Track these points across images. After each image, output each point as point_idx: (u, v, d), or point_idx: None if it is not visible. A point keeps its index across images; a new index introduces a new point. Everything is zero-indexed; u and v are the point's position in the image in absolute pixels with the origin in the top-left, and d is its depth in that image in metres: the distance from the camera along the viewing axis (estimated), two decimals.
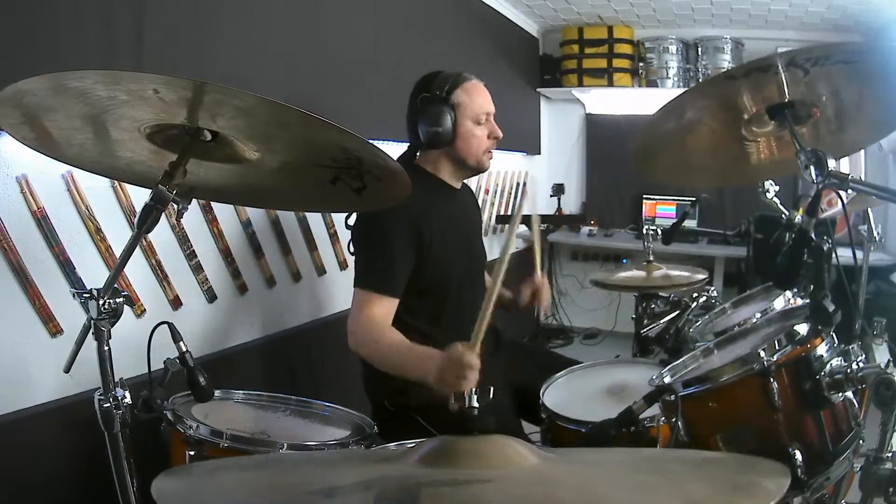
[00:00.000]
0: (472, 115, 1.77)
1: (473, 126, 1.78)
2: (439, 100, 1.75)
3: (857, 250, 2.13)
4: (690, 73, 4.52)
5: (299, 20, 2.34)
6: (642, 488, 0.73)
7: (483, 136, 1.80)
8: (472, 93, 1.78)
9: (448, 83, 1.78)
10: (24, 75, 0.86)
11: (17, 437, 1.55)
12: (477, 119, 1.78)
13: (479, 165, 1.84)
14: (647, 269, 2.59)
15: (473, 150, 1.80)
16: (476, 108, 1.78)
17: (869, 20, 3.84)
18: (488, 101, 1.82)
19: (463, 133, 1.77)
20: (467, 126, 1.77)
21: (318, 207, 2.15)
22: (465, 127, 1.77)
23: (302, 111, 0.91)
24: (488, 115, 1.81)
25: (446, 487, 0.70)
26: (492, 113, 1.82)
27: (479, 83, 1.83)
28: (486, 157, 1.83)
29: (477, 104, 1.78)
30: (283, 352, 2.43)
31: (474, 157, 1.81)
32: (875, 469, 1.07)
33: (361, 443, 1.34)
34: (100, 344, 0.98)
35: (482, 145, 1.80)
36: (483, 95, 1.81)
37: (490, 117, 1.82)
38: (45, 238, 1.63)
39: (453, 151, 1.80)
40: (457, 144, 1.78)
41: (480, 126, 1.79)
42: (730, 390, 1.16)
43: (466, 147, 1.79)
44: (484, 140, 1.80)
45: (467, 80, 1.80)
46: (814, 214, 1.15)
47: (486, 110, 1.80)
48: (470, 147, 1.79)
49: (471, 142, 1.78)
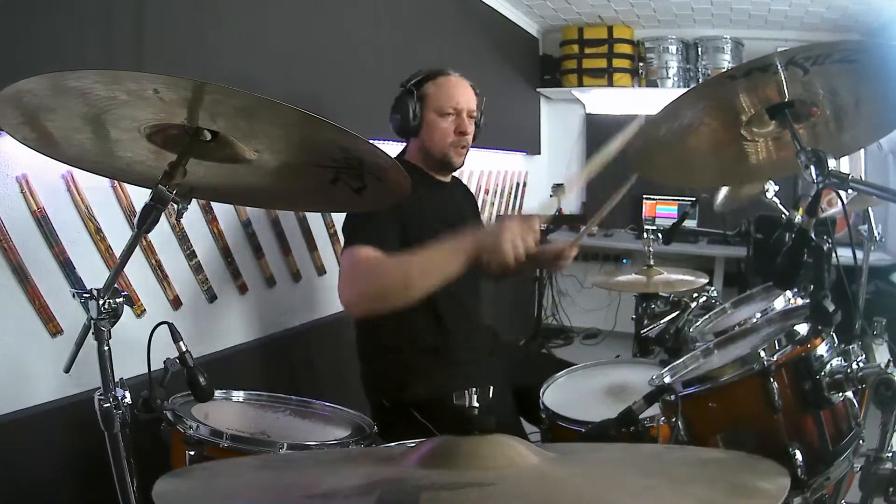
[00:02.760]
0: (436, 107, 1.79)
1: (437, 117, 1.80)
2: (407, 91, 1.81)
3: (857, 250, 2.13)
4: (690, 73, 4.52)
5: (299, 20, 2.34)
6: (643, 489, 0.73)
7: (447, 129, 1.80)
8: (442, 85, 1.81)
9: (421, 76, 1.82)
10: (24, 75, 0.86)
11: (17, 437, 1.55)
12: (441, 111, 1.79)
13: (444, 159, 1.84)
14: (647, 273, 2.58)
15: (437, 142, 1.81)
16: (442, 99, 1.79)
17: (869, 20, 3.84)
18: (461, 95, 1.82)
19: (427, 123, 1.80)
20: (430, 117, 1.80)
21: (318, 207, 2.16)
22: (428, 118, 1.80)
23: (302, 111, 0.91)
24: (457, 109, 1.81)
25: (445, 490, 0.70)
26: (464, 109, 1.82)
27: (455, 78, 1.84)
28: (452, 151, 1.83)
29: (444, 96, 1.79)
30: (283, 352, 2.43)
31: (438, 149, 1.82)
32: (875, 469, 1.07)
33: (361, 443, 1.33)
34: (100, 344, 0.98)
35: (446, 139, 1.81)
36: (455, 89, 1.81)
37: (462, 113, 1.81)
38: (45, 238, 1.63)
39: (422, 143, 1.83)
40: (422, 135, 1.82)
41: (445, 118, 1.80)
42: (730, 390, 1.16)
43: (430, 138, 1.81)
44: (449, 134, 1.81)
45: (442, 74, 1.83)
46: (814, 214, 1.14)
47: (453, 104, 1.80)
48: (433, 138, 1.81)
49: (433, 133, 1.81)
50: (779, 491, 0.68)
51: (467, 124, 1.82)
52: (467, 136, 1.83)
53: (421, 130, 1.81)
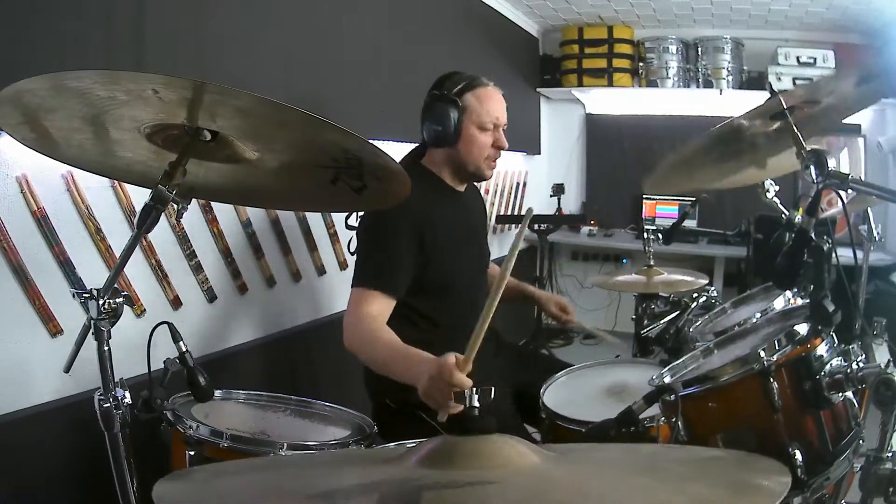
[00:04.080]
0: (477, 121, 1.75)
1: (478, 132, 1.76)
2: (447, 100, 1.74)
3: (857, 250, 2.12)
4: (690, 74, 4.52)
5: (299, 20, 2.34)
6: (642, 488, 0.73)
7: (486, 144, 1.77)
8: (483, 98, 1.76)
9: (461, 85, 1.76)
10: (24, 75, 0.86)
11: (17, 437, 1.55)
12: (482, 125, 1.75)
13: (477, 172, 1.81)
14: (647, 273, 2.58)
15: (474, 156, 1.78)
16: (483, 114, 1.75)
17: (869, 20, 3.84)
18: (500, 109, 1.79)
19: (466, 137, 1.75)
20: (471, 131, 1.75)
21: (318, 207, 2.15)
22: (469, 131, 1.75)
23: (302, 111, 0.91)
24: (497, 123, 1.78)
25: (447, 490, 0.70)
26: (502, 123, 1.79)
27: (494, 90, 1.80)
28: (486, 164, 1.80)
29: (485, 110, 1.75)
30: (283, 352, 2.43)
31: (474, 164, 1.79)
32: (875, 469, 1.07)
33: (361, 443, 1.33)
34: (100, 344, 0.97)
35: (483, 153, 1.78)
36: (494, 103, 1.78)
37: (499, 128, 1.79)
38: (45, 238, 1.63)
39: (455, 154, 1.79)
40: (459, 147, 1.77)
41: (485, 133, 1.76)
42: (730, 390, 1.16)
43: (467, 151, 1.77)
44: (486, 148, 1.78)
45: (482, 85, 1.78)
46: (814, 214, 1.15)
47: (493, 118, 1.77)
48: (471, 152, 1.77)
49: (472, 147, 1.77)
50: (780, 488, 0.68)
51: (504, 140, 1.80)
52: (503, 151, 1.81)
53: (458, 142, 1.76)
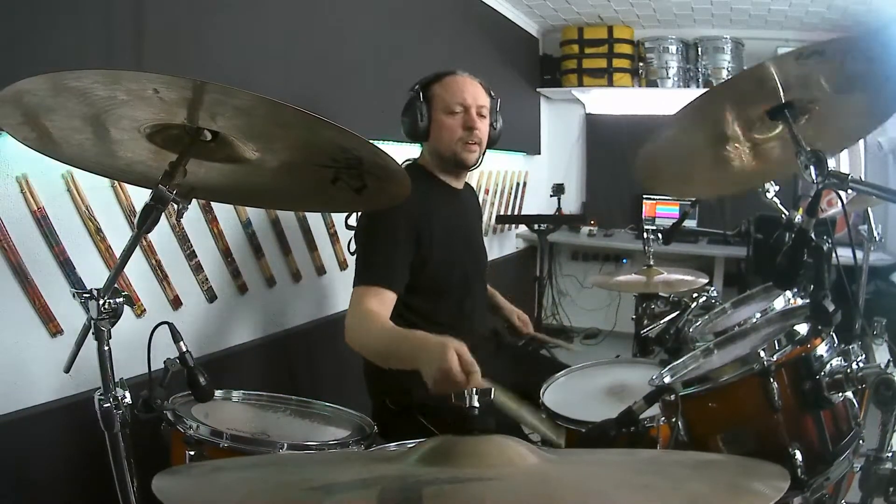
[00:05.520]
0: (443, 106, 1.78)
1: (444, 116, 1.79)
2: (415, 94, 1.80)
3: (857, 250, 2.13)
4: (690, 73, 4.51)
5: (299, 20, 2.34)
6: (642, 488, 0.73)
7: (455, 126, 1.79)
8: (447, 85, 1.80)
9: (429, 79, 1.81)
10: (24, 75, 0.86)
11: (17, 437, 1.55)
12: (448, 109, 1.78)
13: (454, 157, 1.82)
14: (647, 273, 2.58)
15: (445, 141, 1.80)
16: (448, 98, 1.78)
17: (869, 20, 3.84)
18: (467, 92, 1.80)
19: (435, 124, 1.79)
20: (439, 117, 1.79)
21: (318, 207, 2.16)
22: (437, 118, 1.79)
23: (301, 111, 0.91)
24: (464, 105, 1.79)
25: (447, 486, 0.70)
26: (472, 105, 1.80)
27: (462, 77, 1.82)
28: (461, 148, 1.80)
29: (450, 94, 1.78)
30: (283, 352, 2.43)
31: (448, 148, 1.80)
32: (875, 469, 1.07)
33: (361, 443, 1.33)
34: (100, 344, 0.97)
35: (454, 135, 1.79)
36: (460, 86, 1.80)
37: (470, 110, 1.79)
38: (45, 238, 1.63)
39: (433, 145, 1.83)
40: (432, 137, 1.81)
41: (453, 116, 1.78)
42: (730, 390, 1.16)
43: (438, 138, 1.80)
44: (456, 130, 1.79)
45: (449, 74, 1.82)
46: (814, 214, 1.14)
47: (459, 100, 1.78)
48: (441, 138, 1.80)
49: (442, 133, 1.79)
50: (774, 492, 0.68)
51: (476, 120, 1.80)
52: (476, 132, 1.80)
53: (430, 132, 1.80)
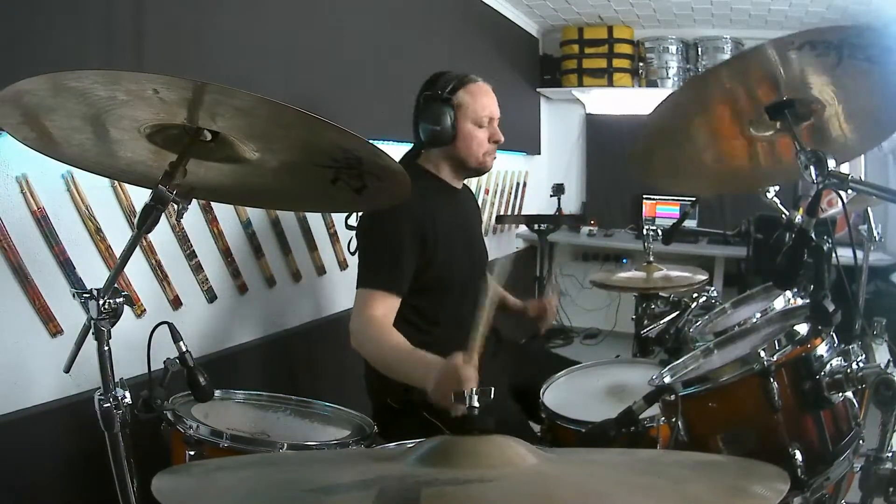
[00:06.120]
0: (472, 117, 1.77)
1: (474, 128, 1.78)
2: (441, 99, 1.76)
3: (857, 250, 2.13)
4: (690, 74, 4.51)
5: (299, 20, 2.34)
6: (642, 488, 0.73)
7: (483, 139, 1.80)
8: (475, 94, 1.78)
9: (452, 83, 1.78)
10: (24, 75, 0.86)
11: (17, 437, 1.55)
12: (478, 121, 1.78)
13: (480, 166, 1.84)
14: (647, 270, 2.59)
15: (473, 152, 1.80)
16: (478, 109, 1.77)
17: (869, 20, 3.84)
18: (492, 104, 1.81)
19: (463, 134, 1.77)
20: (467, 127, 1.77)
21: (318, 207, 2.15)
22: (465, 128, 1.77)
23: (301, 111, 0.91)
24: (491, 118, 1.80)
25: (447, 486, 0.70)
26: (496, 117, 1.82)
27: (484, 85, 1.82)
28: (487, 158, 1.83)
29: (479, 106, 1.78)
30: (283, 352, 2.43)
31: (475, 159, 1.81)
32: (875, 469, 1.07)
33: (361, 443, 1.33)
34: (100, 344, 0.98)
35: (482, 148, 1.80)
36: (487, 98, 1.80)
37: (494, 121, 1.81)
38: (45, 238, 1.63)
39: (454, 152, 1.81)
40: (457, 145, 1.79)
41: (481, 129, 1.79)
42: (730, 390, 1.16)
43: (466, 148, 1.79)
44: (484, 143, 1.80)
45: (473, 81, 1.80)
46: (814, 214, 1.14)
47: (488, 113, 1.79)
48: (470, 148, 1.79)
49: (470, 143, 1.79)
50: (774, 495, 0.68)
51: (499, 133, 1.82)
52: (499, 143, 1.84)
53: (456, 140, 1.78)
